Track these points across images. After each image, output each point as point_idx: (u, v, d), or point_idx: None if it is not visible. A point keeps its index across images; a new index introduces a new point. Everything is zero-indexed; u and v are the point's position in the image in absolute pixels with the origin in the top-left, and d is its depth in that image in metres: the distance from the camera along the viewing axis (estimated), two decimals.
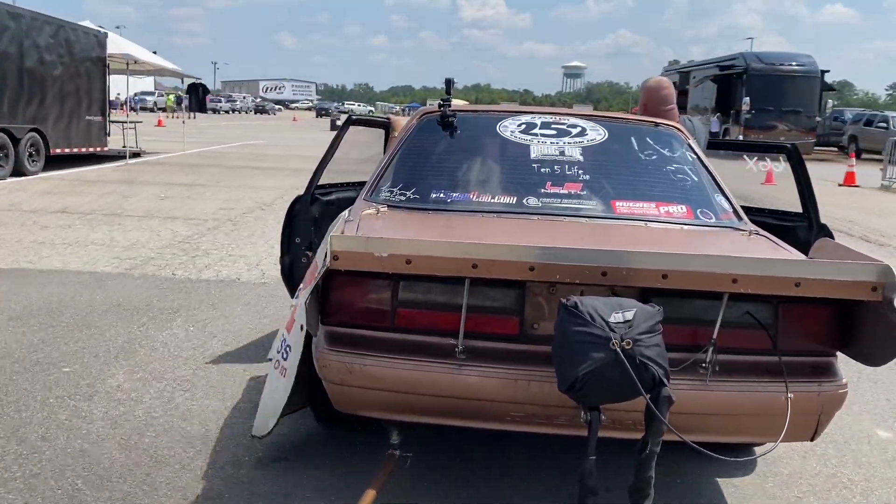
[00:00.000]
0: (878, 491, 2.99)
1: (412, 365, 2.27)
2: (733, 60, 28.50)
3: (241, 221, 8.69)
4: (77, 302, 5.04)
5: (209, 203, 10.05)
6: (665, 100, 4.16)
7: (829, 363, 2.35)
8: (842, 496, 2.93)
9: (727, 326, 2.21)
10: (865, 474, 3.13)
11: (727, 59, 29.39)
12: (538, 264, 2.09)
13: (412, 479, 2.76)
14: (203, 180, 12.82)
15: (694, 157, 3.28)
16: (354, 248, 2.13)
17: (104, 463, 2.87)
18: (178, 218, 8.72)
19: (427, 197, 2.93)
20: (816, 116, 27.57)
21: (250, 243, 7.43)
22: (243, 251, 7.03)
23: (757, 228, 2.91)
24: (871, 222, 11.16)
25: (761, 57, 27.62)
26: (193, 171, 14.19)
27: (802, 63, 27.11)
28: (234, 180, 12.98)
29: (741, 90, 27.08)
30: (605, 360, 1.90)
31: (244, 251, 7.02)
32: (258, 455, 2.97)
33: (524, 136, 3.22)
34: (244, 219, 8.89)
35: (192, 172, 14.04)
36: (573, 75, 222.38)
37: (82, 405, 3.37)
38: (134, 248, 6.94)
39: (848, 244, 2.55)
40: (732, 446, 2.88)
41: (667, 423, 1.94)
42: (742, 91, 26.98)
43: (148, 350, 4.16)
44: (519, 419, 2.33)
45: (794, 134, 26.64)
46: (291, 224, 3.75)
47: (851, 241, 8.70)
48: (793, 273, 2.09)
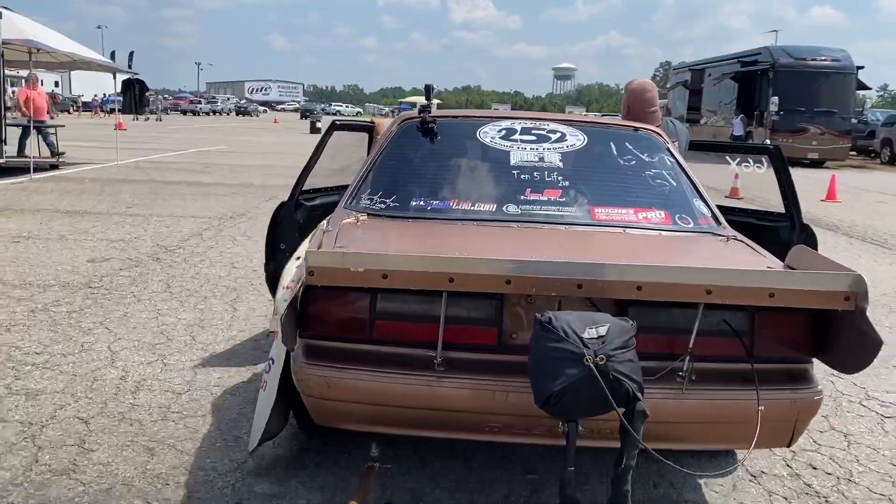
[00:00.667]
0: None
1: (390, 377, 2.26)
2: (757, 56, 25.42)
3: (107, 288, 5.49)
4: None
5: (83, 248, 6.83)
6: (648, 102, 4.05)
7: (805, 370, 2.37)
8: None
9: (704, 335, 2.23)
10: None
11: (749, 54, 26.29)
12: (514, 277, 2.10)
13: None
14: (105, 206, 9.58)
15: (673, 161, 3.25)
16: (330, 263, 2.12)
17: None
18: (5, 282, 5.52)
19: (407, 205, 2.91)
20: (852, 118, 24.47)
21: (86, 345, 4.21)
22: (61, 365, 3.82)
23: (735, 234, 2.90)
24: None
25: (790, 51, 24.48)
26: (106, 191, 10.96)
27: (836, 58, 23.99)
28: (150, 205, 9.76)
29: (767, 89, 24.02)
30: (579, 376, 1.91)
31: (63, 366, 3.81)
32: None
33: (504, 143, 3.21)
34: (116, 281, 5.69)
35: (102, 192, 10.81)
36: (563, 77, 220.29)
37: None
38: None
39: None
40: (712, 453, 2.97)
41: (640, 439, 1.96)
42: (768, 90, 23.92)
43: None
44: (497, 430, 2.35)
45: (827, 137, 23.65)
46: (276, 230, 3.67)
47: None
48: (767, 284, 2.10)
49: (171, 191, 11.29)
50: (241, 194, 11.21)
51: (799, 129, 23.53)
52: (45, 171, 12.99)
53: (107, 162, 15.19)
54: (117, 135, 18.75)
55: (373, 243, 2.57)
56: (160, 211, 9.30)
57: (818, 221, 10.42)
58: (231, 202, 10.31)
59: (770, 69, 23.97)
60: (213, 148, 21.58)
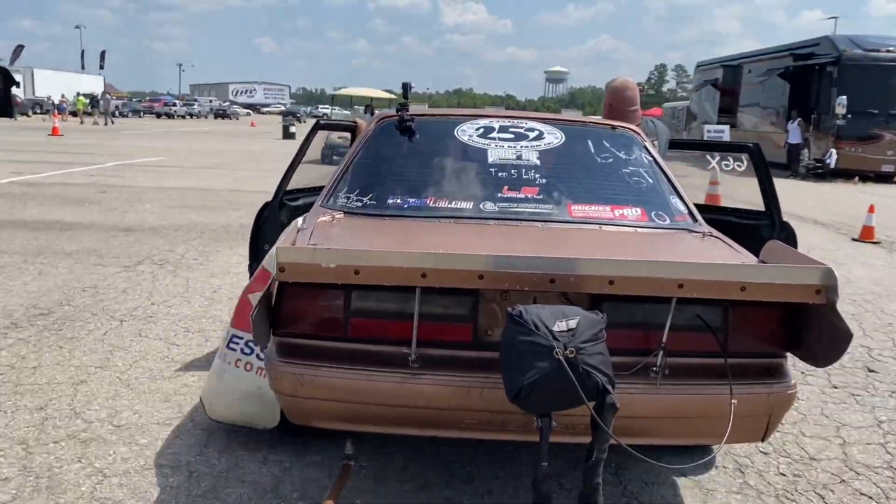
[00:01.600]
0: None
1: (365, 375, 2.25)
2: (814, 47, 21.11)
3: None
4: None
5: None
6: (629, 101, 4.01)
7: (779, 364, 2.36)
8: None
9: (678, 330, 2.23)
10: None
11: (804, 45, 21.97)
12: (487, 272, 2.08)
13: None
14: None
15: (650, 159, 3.24)
16: (301, 259, 2.08)
17: None
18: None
19: (384, 203, 2.89)
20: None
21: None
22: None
23: (711, 230, 2.90)
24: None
25: (858, 41, 20.08)
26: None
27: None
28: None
29: (830, 87, 19.74)
30: (548, 368, 1.91)
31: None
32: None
33: (482, 141, 3.19)
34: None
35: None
36: (556, 80, 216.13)
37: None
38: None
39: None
40: (688, 448, 2.96)
41: (609, 431, 1.96)
42: (831, 88, 19.63)
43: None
44: (473, 426, 2.34)
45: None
46: (259, 230, 3.63)
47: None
48: (738, 277, 2.09)
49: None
50: (99, 254, 6.70)
51: (871, 135, 19.25)
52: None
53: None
54: (53, 143, 14.46)
55: (347, 241, 2.57)
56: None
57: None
58: (59, 279, 5.80)
59: (833, 63, 19.67)
60: (148, 160, 16.91)
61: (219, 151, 21.45)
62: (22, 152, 16.22)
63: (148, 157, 17.56)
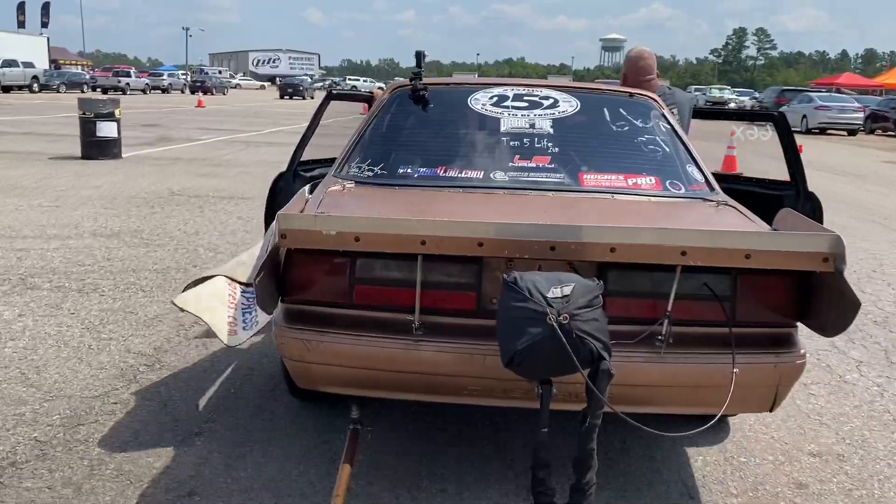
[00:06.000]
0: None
1: (369, 341, 2.28)
2: None
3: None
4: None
5: None
6: (644, 70, 3.96)
7: (789, 334, 2.33)
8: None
9: (685, 298, 2.22)
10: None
11: None
12: (486, 240, 2.07)
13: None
14: None
15: (668, 127, 3.19)
16: (302, 226, 2.11)
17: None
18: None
19: (394, 173, 2.90)
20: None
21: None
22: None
23: (727, 199, 2.84)
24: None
25: None
26: None
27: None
28: None
29: None
30: (542, 334, 1.91)
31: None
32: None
33: (495, 109, 3.18)
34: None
35: None
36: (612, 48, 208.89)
37: None
38: None
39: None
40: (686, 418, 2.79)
41: (605, 398, 1.95)
42: None
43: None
44: (476, 393, 2.37)
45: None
46: (274, 201, 3.65)
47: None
48: (742, 245, 2.05)
49: None
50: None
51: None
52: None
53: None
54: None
55: (355, 209, 2.56)
56: None
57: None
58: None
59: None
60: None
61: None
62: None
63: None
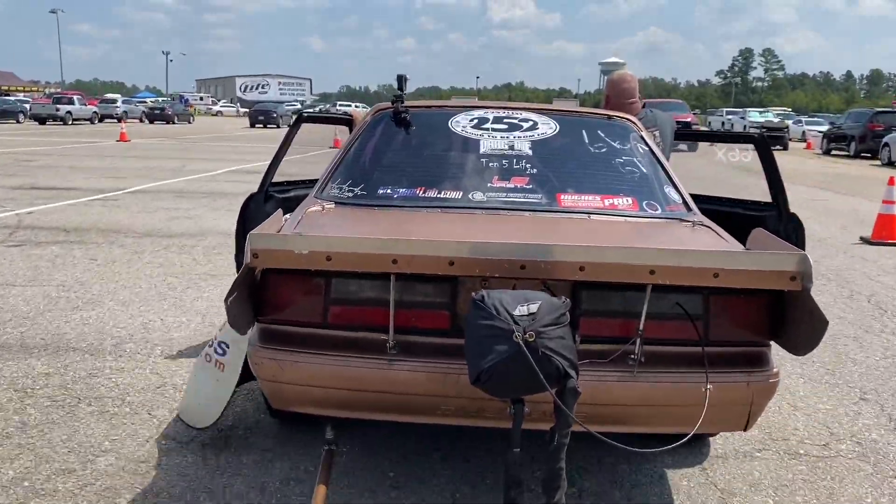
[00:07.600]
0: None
1: (343, 361, 2.28)
2: None
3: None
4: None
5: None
6: (626, 93, 4.04)
7: (762, 353, 2.34)
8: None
9: (657, 318, 2.22)
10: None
11: None
12: (457, 259, 2.09)
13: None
14: None
15: (646, 149, 3.24)
16: (273, 245, 2.12)
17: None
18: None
19: (374, 193, 2.92)
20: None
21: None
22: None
23: (703, 219, 2.86)
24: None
25: None
26: None
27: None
28: None
29: None
30: (508, 352, 1.90)
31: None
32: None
33: (475, 131, 3.22)
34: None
35: None
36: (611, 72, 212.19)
37: None
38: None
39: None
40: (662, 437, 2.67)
41: (572, 416, 1.95)
42: None
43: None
44: (450, 413, 2.36)
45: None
46: (244, 222, 3.64)
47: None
48: (710, 264, 2.06)
49: None
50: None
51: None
52: None
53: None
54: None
55: (330, 229, 2.58)
56: None
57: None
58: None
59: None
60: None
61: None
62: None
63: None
